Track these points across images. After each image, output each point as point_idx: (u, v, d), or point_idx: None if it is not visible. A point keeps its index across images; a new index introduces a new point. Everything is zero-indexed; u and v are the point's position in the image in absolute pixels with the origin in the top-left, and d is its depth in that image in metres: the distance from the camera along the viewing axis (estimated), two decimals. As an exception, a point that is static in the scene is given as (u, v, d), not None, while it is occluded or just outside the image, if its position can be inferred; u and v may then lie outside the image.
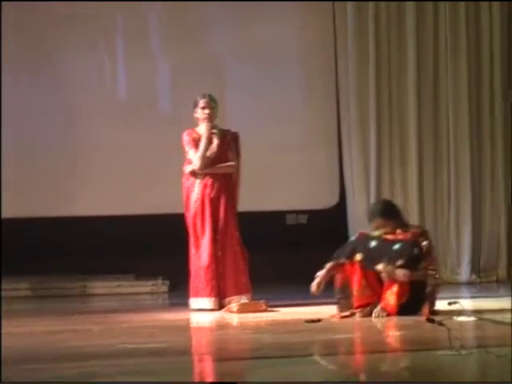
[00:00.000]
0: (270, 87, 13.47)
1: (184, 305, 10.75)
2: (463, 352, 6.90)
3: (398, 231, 9.43)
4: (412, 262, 9.20)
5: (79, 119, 13.47)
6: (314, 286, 9.41)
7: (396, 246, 9.29)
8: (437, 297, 9.38)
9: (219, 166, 10.50)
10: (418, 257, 9.26)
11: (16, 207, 13.17)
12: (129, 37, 13.79)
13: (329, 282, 9.53)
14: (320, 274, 9.44)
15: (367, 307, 9.19)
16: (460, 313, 9.03)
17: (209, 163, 10.50)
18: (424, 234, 9.55)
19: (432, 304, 9.23)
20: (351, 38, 13.19)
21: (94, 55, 13.72)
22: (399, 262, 9.13)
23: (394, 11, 13.32)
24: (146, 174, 12.85)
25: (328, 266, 9.45)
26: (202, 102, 10.66)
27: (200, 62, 13.52)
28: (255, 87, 13.47)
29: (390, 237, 9.39)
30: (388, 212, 9.68)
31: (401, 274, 9.13)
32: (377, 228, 9.56)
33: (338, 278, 9.44)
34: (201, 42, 13.72)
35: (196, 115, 10.69)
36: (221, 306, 10.43)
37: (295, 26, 13.76)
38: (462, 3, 13.46)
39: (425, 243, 9.37)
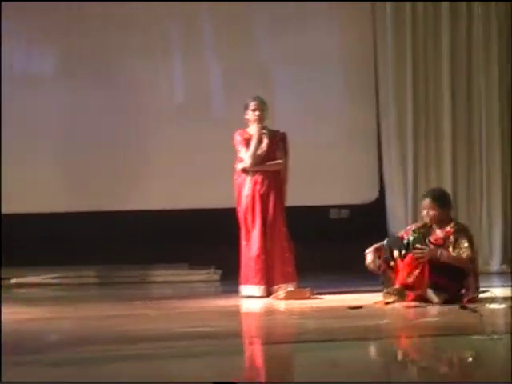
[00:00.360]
0: (315, 90, 13.49)
1: (235, 292, 10.79)
2: (495, 337, 6.91)
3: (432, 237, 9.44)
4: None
5: (137, 120, 13.54)
6: (369, 262, 9.41)
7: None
8: (479, 286, 9.38)
9: (269, 163, 10.53)
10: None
11: (82, 202, 13.35)
12: (184, 41, 13.89)
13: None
14: (368, 250, 9.46)
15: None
16: (492, 300, 9.08)
17: (259, 161, 10.54)
18: (459, 231, 9.44)
19: (473, 294, 9.22)
20: (390, 40, 13.23)
21: (152, 59, 13.77)
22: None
23: (431, 12, 13.32)
24: (200, 171, 12.90)
25: (374, 245, 9.46)
26: (252, 105, 10.69)
27: (249, 65, 13.58)
28: (301, 90, 13.48)
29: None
30: (440, 199, 9.64)
31: (444, 254, 9.13)
32: (423, 208, 9.58)
33: (382, 265, 9.40)
34: (250, 46, 13.81)
35: (247, 117, 10.72)
36: (269, 293, 10.48)
37: (337, 31, 13.84)
38: (493, 3, 13.29)
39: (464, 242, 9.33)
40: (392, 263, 9.32)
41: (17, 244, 12.89)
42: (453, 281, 9.20)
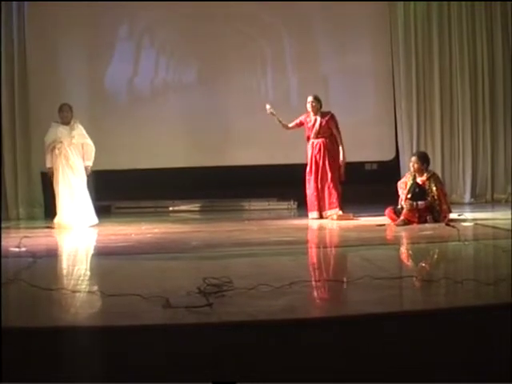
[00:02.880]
0: (356, 89, 13.26)
1: (305, 216, 10.77)
2: (466, 243, 7.06)
3: (420, 179, 9.49)
4: (421, 196, 9.33)
5: (244, 109, 13.25)
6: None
7: (416, 189, 9.38)
8: (447, 215, 9.29)
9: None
10: (422, 193, 9.33)
11: (196, 159, 13.29)
12: (273, 59, 13.61)
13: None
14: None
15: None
16: (464, 220, 9.12)
17: (314, 135, 10.65)
18: (430, 178, 9.47)
19: (445, 218, 9.18)
20: (402, 60, 12.97)
21: (254, 71, 13.65)
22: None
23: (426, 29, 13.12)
24: (283, 140, 12.76)
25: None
26: (308, 100, 10.72)
27: (315, 75, 13.38)
28: (346, 89, 13.39)
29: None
30: (420, 157, 9.64)
31: (419, 203, 9.22)
32: (412, 164, 9.57)
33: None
34: (316, 62, 13.51)
35: (307, 108, 10.72)
36: (321, 216, 10.51)
37: (369, 52, 13.55)
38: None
39: (433, 186, 9.38)
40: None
41: (168, 187, 13.09)
42: (427, 211, 9.27)
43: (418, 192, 9.36)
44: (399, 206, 9.46)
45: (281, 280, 4.86)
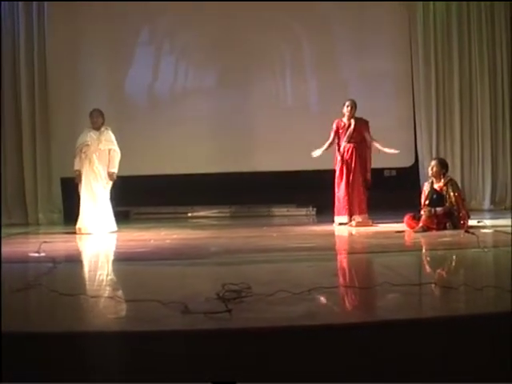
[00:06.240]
0: (375, 94, 13.25)
1: (324, 222, 10.76)
2: (486, 250, 7.02)
3: (437, 185, 9.53)
4: (439, 203, 9.35)
5: (262, 114, 13.39)
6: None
7: (434, 196, 9.42)
8: (466, 221, 9.31)
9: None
10: (440, 199, 9.38)
11: (215, 165, 13.29)
12: (292, 64, 13.68)
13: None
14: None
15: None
16: (484, 227, 9.08)
17: (348, 139, 10.60)
18: (447, 183, 9.51)
19: (464, 224, 9.19)
20: (421, 67, 13.01)
21: (273, 76, 13.75)
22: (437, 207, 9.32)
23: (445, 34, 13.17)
24: (301, 147, 12.62)
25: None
26: (347, 104, 10.66)
27: (334, 80, 13.43)
28: (366, 95, 13.32)
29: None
30: (440, 162, 9.74)
31: (437, 209, 9.26)
32: (432, 167, 9.62)
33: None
34: (335, 67, 13.58)
35: (343, 111, 10.65)
36: (350, 220, 10.45)
37: (391, 57, 13.50)
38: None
39: (451, 191, 9.41)
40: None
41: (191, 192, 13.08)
42: (445, 217, 9.32)
43: (435, 198, 9.41)
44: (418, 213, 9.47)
45: (300, 286, 4.86)
